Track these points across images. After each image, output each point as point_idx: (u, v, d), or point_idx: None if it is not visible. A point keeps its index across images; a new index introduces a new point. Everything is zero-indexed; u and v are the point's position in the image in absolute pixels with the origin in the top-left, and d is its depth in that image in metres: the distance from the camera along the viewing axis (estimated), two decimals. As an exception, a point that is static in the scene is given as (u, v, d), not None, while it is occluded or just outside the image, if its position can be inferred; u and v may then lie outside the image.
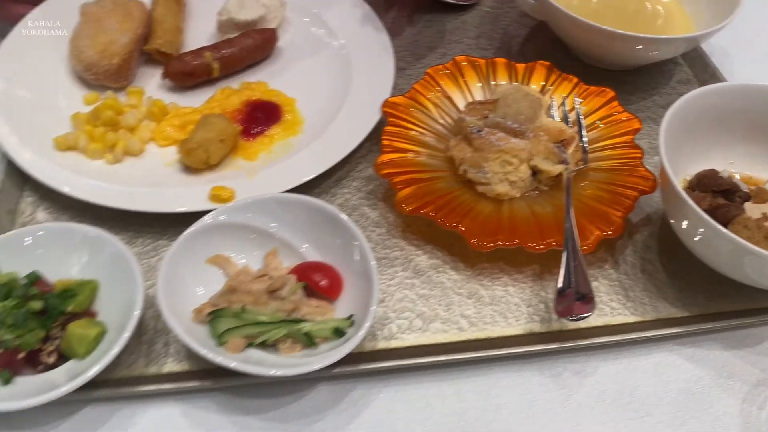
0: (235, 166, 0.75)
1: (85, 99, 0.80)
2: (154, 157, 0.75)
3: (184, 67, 0.80)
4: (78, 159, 0.73)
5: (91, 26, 0.80)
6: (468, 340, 0.64)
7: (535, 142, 0.73)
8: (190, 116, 0.77)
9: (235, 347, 0.57)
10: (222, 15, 0.85)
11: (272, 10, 0.87)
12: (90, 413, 0.58)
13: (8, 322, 0.57)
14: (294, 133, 0.78)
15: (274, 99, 0.81)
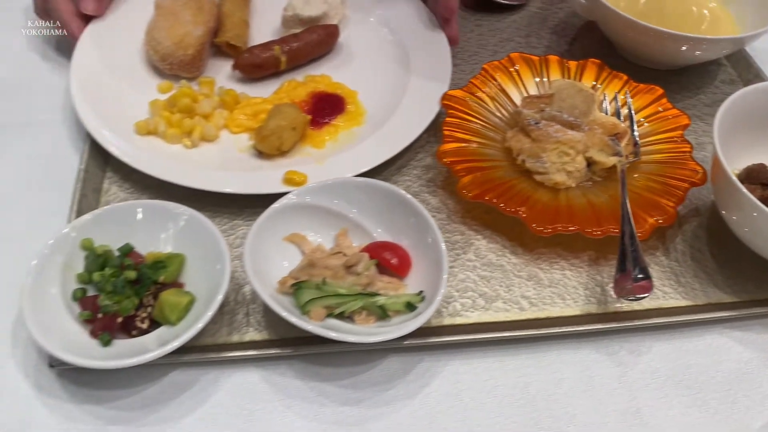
0: (304, 153, 0.79)
1: (159, 87, 0.84)
2: (227, 143, 0.79)
3: (254, 60, 0.84)
4: (157, 143, 0.78)
5: (167, 19, 0.84)
6: (528, 319, 0.67)
7: (591, 135, 0.76)
8: (261, 106, 0.82)
9: (318, 316, 0.61)
10: (287, 11, 0.90)
11: (334, 7, 0.91)
12: (178, 376, 0.63)
13: (107, 288, 0.61)
14: (357, 123, 0.83)
15: (338, 91, 0.85)
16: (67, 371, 0.62)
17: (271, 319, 0.66)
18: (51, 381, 0.62)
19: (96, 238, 0.65)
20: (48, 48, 0.91)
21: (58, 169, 0.78)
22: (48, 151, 0.80)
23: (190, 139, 0.78)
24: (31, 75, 0.88)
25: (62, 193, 0.75)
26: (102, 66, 0.84)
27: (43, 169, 0.78)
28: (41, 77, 0.88)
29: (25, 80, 0.87)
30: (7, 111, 0.84)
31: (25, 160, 0.79)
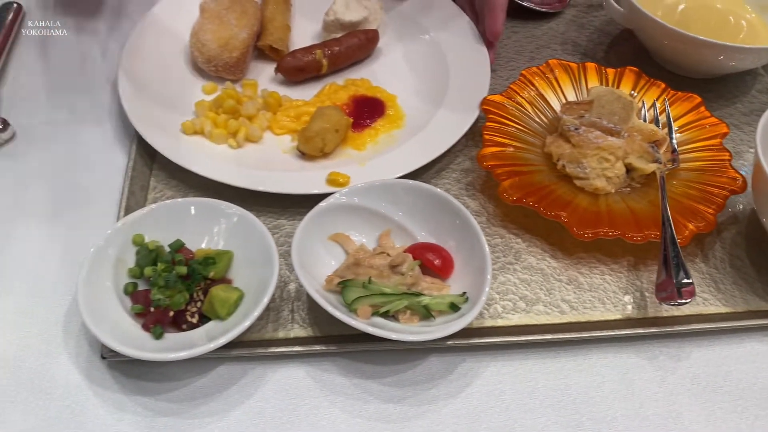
0: (345, 154, 0.80)
1: (203, 89, 0.86)
2: (271, 144, 0.81)
3: (296, 63, 0.86)
4: (203, 142, 0.79)
5: (212, 22, 0.86)
6: (569, 323, 0.68)
7: (630, 142, 0.77)
8: (303, 108, 0.83)
9: (365, 314, 0.62)
10: (329, 15, 0.91)
11: (373, 12, 0.93)
12: (225, 370, 0.64)
13: (160, 283, 0.63)
14: (397, 126, 0.84)
15: (378, 95, 0.87)
16: (118, 363, 0.64)
17: (316, 316, 0.67)
18: (102, 372, 0.64)
19: (147, 233, 0.67)
20: (96, 47, 0.93)
21: (105, 166, 0.80)
22: (96, 148, 0.82)
23: (235, 140, 0.79)
24: (79, 74, 0.90)
25: (110, 189, 0.77)
26: (149, 66, 0.85)
27: (92, 166, 0.80)
28: (90, 76, 0.90)
29: (73, 79, 0.90)
30: (57, 108, 0.86)
31: (74, 156, 0.81)
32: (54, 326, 0.67)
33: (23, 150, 0.82)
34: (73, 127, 0.84)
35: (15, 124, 0.83)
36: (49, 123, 0.84)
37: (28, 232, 0.74)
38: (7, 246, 0.73)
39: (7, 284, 0.69)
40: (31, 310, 0.68)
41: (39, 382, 0.63)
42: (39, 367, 0.64)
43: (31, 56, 0.92)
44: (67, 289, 0.69)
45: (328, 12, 0.92)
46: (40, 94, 0.87)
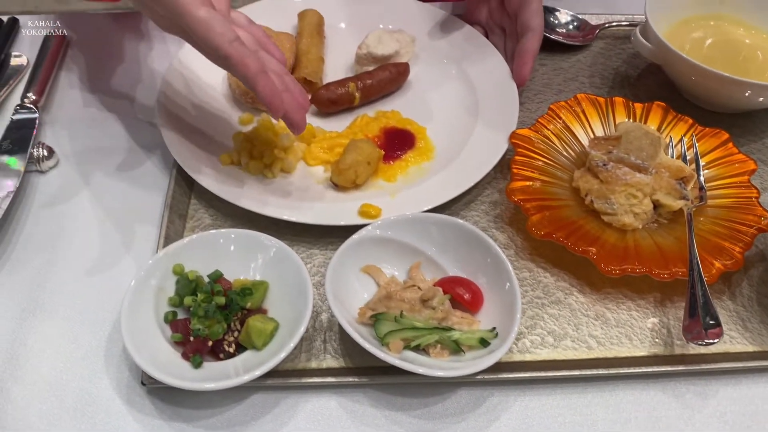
0: (376, 186, 0.82)
1: (240, 120, 0.89)
2: (304, 175, 0.83)
3: (330, 96, 0.88)
4: (239, 173, 0.82)
5: None
6: (597, 358, 0.69)
7: (658, 178, 0.78)
8: (336, 140, 0.86)
9: (396, 348, 0.64)
10: (362, 49, 0.94)
11: (404, 46, 0.95)
12: (259, 399, 0.66)
13: (199, 313, 0.65)
14: (427, 158, 0.86)
15: (408, 127, 0.89)
16: (157, 389, 0.66)
17: (347, 347, 0.69)
18: (142, 398, 0.66)
19: (186, 263, 0.70)
20: (135, 76, 0.97)
21: (145, 193, 0.82)
22: (137, 175, 0.85)
23: (270, 171, 0.82)
24: (120, 102, 0.93)
25: (150, 216, 0.80)
26: (187, 96, 0.88)
27: (132, 193, 0.83)
28: (130, 105, 0.93)
29: (115, 107, 0.93)
30: (99, 136, 0.89)
31: (115, 184, 0.84)
32: (96, 351, 0.69)
33: (66, 177, 0.85)
34: (115, 155, 0.87)
35: (59, 152, 0.86)
36: (91, 151, 0.87)
37: (70, 259, 0.77)
38: (50, 270, 0.75)
39: (51, 309, 0.72)
40: (75, 335, 0.70)
41: (82, 407, 0.65)
42: (81, 392, 0.66)
43: (74, 85, 0.96)
44: (109, 314, 0.72)
45: (360, 46, 0.94)
46: (83, 123, 0.91)
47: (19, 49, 1.00)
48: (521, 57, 0.91)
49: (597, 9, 1.07)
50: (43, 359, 0.68)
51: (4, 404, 0.65)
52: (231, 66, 0.66)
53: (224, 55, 0.65)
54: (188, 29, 0.64)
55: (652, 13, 0.91)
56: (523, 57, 0.91)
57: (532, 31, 0.92)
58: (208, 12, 0.64)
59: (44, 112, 0.91)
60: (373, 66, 0.93)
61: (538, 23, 0.92)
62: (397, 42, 0.94)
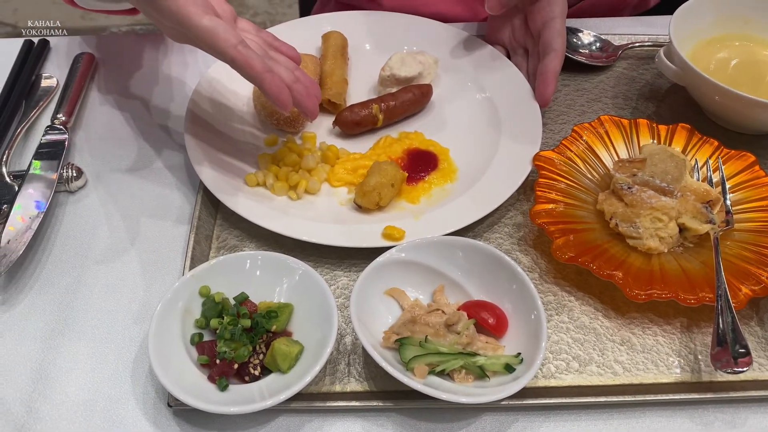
0: (399, 207, 0.83)
1: (265, 141, 0.90)
2: (328, 197, 0.84)
3: (354, 117, 0.89)
4: (264, 193, 0.83)
5: None
6: (623, 385, 0.69)
7: (683, 202, 0.78)
8: (360, 161, 0.86)
9: (421, 373, 0.64)
10: (385, 71, 0.94)
11: (427, 68, 0.96)
12: (284, 422, 0.66)
13: (226, 336, 0.65)
14: (450, 180, 0.86)
15: (431, 148, 0.89)
16: (183, 411, 0.66)
17: (371, 370, 0.69)
18: (168, 419, 0.66)
19: (212, 285, 0.70)
20: (163, 96, 0.98)
21: (172, 213, 0.84)
22: (163, 195, 0.86)
23: (295, 192, 0.82)
24: (148, 123, 0.95)
25: (176, 236, 0.81)
26: (213, 118, 0.90)
27: (159, 214, 0.84)
28: (158, 125, 0.95)
29: (142, 128, 0.94)
30: (126, 157, 0.91)
31: (141, 204, 0.85)
32: (123, 372, 0.70)
33: (94, 197, 0.86)
34: (142, 175, 0.88)
35: (87, 172, 0.88)
36: (119, 171, 0.89)
37: (98, 279, 0.78)
38: (78, 291, 0.77)
39: (79, 329, 0.73)
40: (102, 355, 0.71)
41: (109, 427, 0.66)
42: (109, 412, 0.67)
43: (103, 105, 0.98)
44: (135, 334, 0.73)
45: (384, 68, 0.95)
46: (111, 143, 0.92)
47: (49, 70, 1.03)
48: (543, 77, 0.91)
49: (620, 29, 1.07)
50: (71, 379, 0.69)
51: (33, 423, 0.66)
52: (237, 68, 0.70)
53: (230, 58, 0.69)
54: (195, 38, 0.69)
55: (676, 34, 0.91)
56: (545, 77, 0.91)
57: (554, 51, 0.92)
58: (212, 20, 0.68)
59: (73, 132, 0.93)
60: (396, 87, 0.94)
61: (560, 44, 0.92)
62: (420, 64, 0.95)
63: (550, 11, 0.93)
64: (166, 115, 0.96)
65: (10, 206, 0.80)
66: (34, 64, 1.01)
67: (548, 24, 0.92)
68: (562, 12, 0.93)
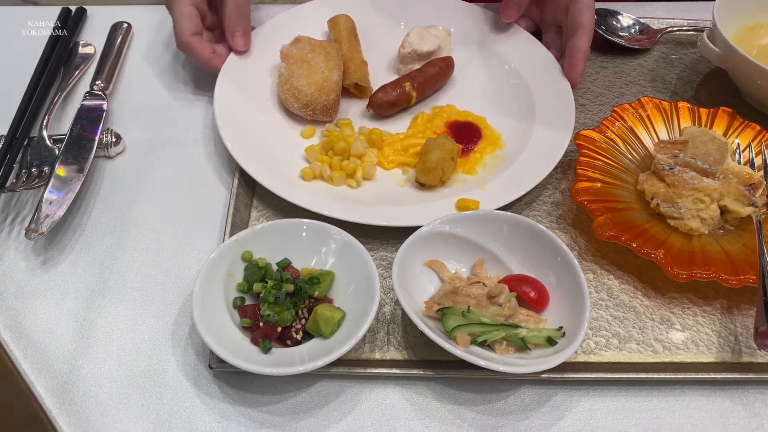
0: (459, 180, 0.83)
1: (302, 133, 0.88)
2: (385, 180, 0.83)
3: (388, 98, 0.88)
4: (321, 186, 0.81)
5: (302, 67, 0.87)
6: (663, 362, 0.68)
7: (726, 184, 0.77)
8: (408, 140, 0.86)
9: (464, 342, 0.64)
10: (405, 48, 0.94)
11: (443, 40, 0.95)
12: (324, 387, 0.67)
13: (269, 300, 0.66)
14: (498, 147, 0.87)
15: (469, 119, 0.90)
16: (223, 374, 0.67)
17: (409, 340, 0.69)
18: (208, 381, 0.67)
19: (255, 250, 0.70)
20: (196, 68, 0.98)
21: (211, 180, 0.84)
22: (202, 162, 0.86)
23: (354, 180, 0.81)
24: (184, 90, 0.95)
25: (215, 203, 0.82)
26: (243, 120, 0.86)
27: (197, 180, 0.84)
28: (195, 93, 0.95)
29: (179, 95, 0.95)
30: (164, 124, 0.91)
31: (180, 170, 0.86)
32: (163, 334, 0.70)
33: (133, 163, 0.87)
34: (179, 142, 0.89)
35: (125, 139, 0.88)
36: (157, 138, 0.89)
37: (137, 242, 0.78)
38: (118, 253, 0.77)
39: (120, 292, 0.74)
40: (142, 317, 0.72)
41: (150, 387, 0.66)
42: (150, 373, 0.67)
43: (140, 73, 0.98)
44: (174, 298, 0.73)
45: (403, 45, 0.94)
46: (148, 110, 0.93)
47: (86, 38, 1.03)
48: (571, 57, 0.90)
49: (659, 14, 1.06)
50: (112, 339, 0.70)
51: (76, 381, 0.67)
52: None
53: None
54: None
55: (720, 17, 0.90)
56: (574, 57, 0.90)
57: (581, 28, 0.90)
58: None
59: (111, 99, 0.93)
60: (418, 63, 0.94)
61: (587, 19, 0.90)
62: (436, 37, 0.94)
63: None
64: (201, 85, 0.96)
65: (52, 169, 0.80)
66: (72, 32, 1.01)
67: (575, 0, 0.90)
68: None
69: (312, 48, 0.90)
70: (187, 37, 0.89)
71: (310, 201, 0.77)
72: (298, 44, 0.91)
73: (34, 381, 0.67)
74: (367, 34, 0.99)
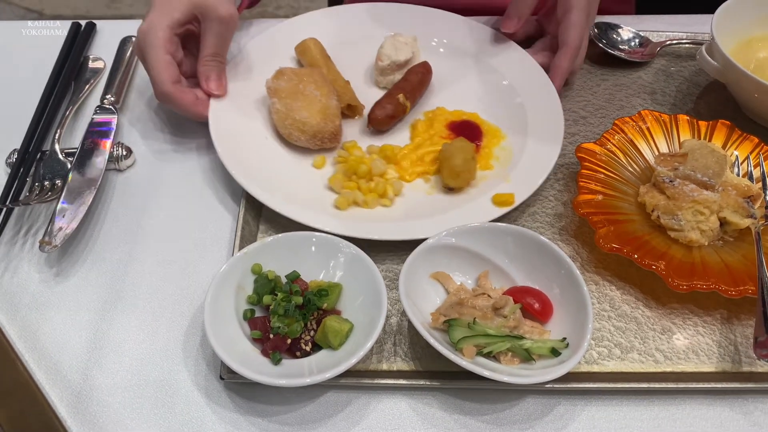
0: (481, 177, 0.85)
1: (314, 164, 0.87)
2: (410, 192, 0.84)
3: (387, 112, 0.89)
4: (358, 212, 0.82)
5: (298, 99, 0.86)
6: (664, 372, 0.70)
7: (725, 196, 0.79)
8: (421, 150, 0.88)
9: (470, 353, 0.65)
10: (383, 60, 0.95)
11: (413, 47, 0.97)
12: (333, 397, 0.68)
13: (279, 312, 0.67)
14: (501, 138, 0.90)
15: (464, 117, 0.92)
16: (234, 384, 0.68)
17: (416, 351, 0.71)
18: (219, 391, 0.68)
19: (264, 263, 0.72)
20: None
21: (219, 192, 0.86)
22: (210, 176, 0.88)
23: (387, 198, 0.82)
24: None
25: (223, 214, 0.83)
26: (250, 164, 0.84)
27: (206, 192, 0.86)
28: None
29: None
30: (173, 137, 0.93)
31: (190, 183, 0.87)
32: (174, 345, 0.72)
33: (143, 176, 0.88)
34: (189, 155, 0.90)
35: (136, 152, 0.90)
36: (166, 151, 0.91)
37: (148, 254, 0.80)
38: (130, 265, 0.79)
39: (131, 303, 0.75)
40: (153, 328, 0.73)
41: (162, 397, 0.68)
42: (161, 383, 0.69)
43: (148, 87, 0.99)
44: (185, 309, 0.75)
45: (380, 57, 0.95)
46: (157, 123, 0.94)
47: (96, 52, 1.04)
48: (550, 72, 0.94)
49: (659, 27, 1.08)
50: (125, 350, 0.71)
51: (90, 391, 0.68)
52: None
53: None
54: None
55: (718, 31, 0.92)
56: (551, 73, 0.94)
57: (565, 46, 0.92)
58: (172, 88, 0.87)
59: (121, 113, 0.95)
60: (399, 73, 0.95)
61: (572, 37, 0.92)
62: (407, 45, 0.96)
63: (567, 2, 0.92)
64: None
65: (64, 182, 0.82)
66: (82, 47, 1.03)
67: (566, 14, 0.93)
68: (579, 4, 0.92)
69: (299, 78, 0.88)
70: (167, 87, 0.85)
71: (355, 228, 0.77)
72: (284, 77, 0.88)
73: (48, 391, 0.68)
74: (336, 52, 0.98)
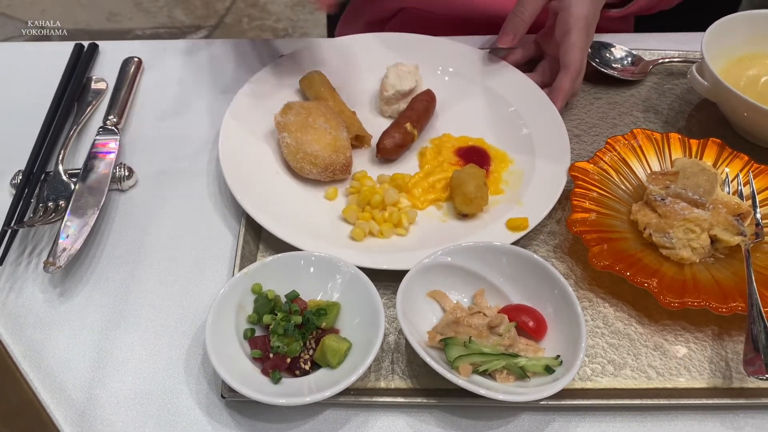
0: (493, 202, 0.87)
1: (326, 196, 0.88)
2: (424, 220, 0.86)
3: (396, 141, 0.91)
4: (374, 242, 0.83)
5: (308, 132, 0.87)
6: (657, 388, 0.71)
7: (715, 214, 0.80)
8: (432, 177, 0.89)
9: (466, 372, 0.67)
10: (388, 90, 0.96)
11: (416, 76, 0.99)
12: (332, 415, 0.69)
13: (279, 331, 0.69)
14: (509, 162, 0.92)
15: (470, 143, 0.94)
16: (235, 403, 0.70)
17: (413, 369, 0.72)
18: (220, 410, 0.70)
19: (264, 282, 0.73)
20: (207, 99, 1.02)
21: (220, 212, 0.87)
22: (211, 196, 0.89)
23: (402, 227, 0.83)
24: (194, 125, 0.99)
25: (225, 234, 0.85)
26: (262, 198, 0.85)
27: (207, 213, 0.88)
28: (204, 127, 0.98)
29: (189, 129, 0.98)
30: (174, 157, 0.94)
31: (191, 203, 0.89)
32: (176, 363, 0.73)
33: (145, 196, 0.90)
34: (190, 175, 0.92)
35: (138, 172, 0.92)
36: (168, 172, 0.93)
37: (150, 274, 0.81)
38: (132, 285, 0.80)
39: (134, 322, 0.77)
40: (156, 347, 0.75)
41: (164, 415, 0.69)
42: (164, 402, 0.70)
43: (151, 108, 1.01)
44: (187, 328, 0.76)
45: (385, 87, 0.97)
46: (159, 144, 0.96)
47: (98, 73, 1.06)
48: (551, 94, 0.96)
49: (652, 45, 1.10)
50: (128, 369, 0.73)
51: (93, 410, 0.69)
52: None
53: None
54: None
55: (709, 51, 0.94)
56: (552, 95, 0.96)
57: (565, 68, 0.94)
58: None
59: (123, 134, 0.97)
60: (402, 102, 0.97)
61: (572, 59, 0.94)
62: (410, 74, 0.98)
63: (566, 23, 0.94)
64: (210, 118, 0.99)
65: (68, 203, 0.84)
66: (85, 68, 1.05)
67: (565, 36, 0.94)
68: (578, 24, 0.93)
69: (308, 112, 0.90)
70: None
71: (374, 260, 0.78)
72: (292, 111, 0.90)
73: (53, 410, 0.70)
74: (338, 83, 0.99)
